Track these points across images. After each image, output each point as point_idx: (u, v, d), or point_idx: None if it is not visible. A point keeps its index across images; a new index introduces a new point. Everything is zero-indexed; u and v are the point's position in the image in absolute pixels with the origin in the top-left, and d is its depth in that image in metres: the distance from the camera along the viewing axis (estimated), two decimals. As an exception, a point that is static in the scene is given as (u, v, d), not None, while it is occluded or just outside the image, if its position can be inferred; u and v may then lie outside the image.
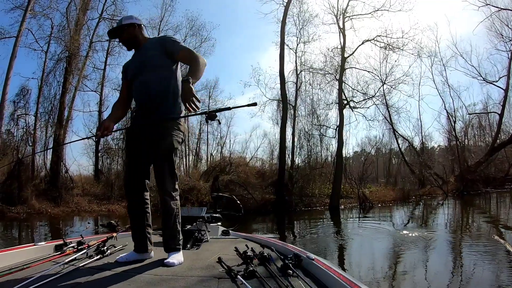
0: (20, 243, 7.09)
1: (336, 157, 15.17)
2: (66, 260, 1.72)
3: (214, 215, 3.32)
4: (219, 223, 3.37)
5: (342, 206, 14.24)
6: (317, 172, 16.21)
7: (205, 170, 17.38)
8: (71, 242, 2.09)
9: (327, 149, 17.09)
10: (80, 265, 1.66)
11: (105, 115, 16.43)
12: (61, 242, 2.07)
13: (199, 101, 1.67)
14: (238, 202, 4.77)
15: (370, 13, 15.66)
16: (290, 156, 15.78)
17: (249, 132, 36.20)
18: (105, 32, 17.76)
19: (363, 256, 5.88)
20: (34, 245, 1.83)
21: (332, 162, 16.05)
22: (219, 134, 22.65)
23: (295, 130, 16.23)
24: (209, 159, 20.92)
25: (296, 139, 16.28)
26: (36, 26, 15.89)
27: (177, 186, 1.93)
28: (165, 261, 1.67)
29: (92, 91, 17.61)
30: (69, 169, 15.52)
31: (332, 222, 10.83)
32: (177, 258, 1.75)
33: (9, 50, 13.99)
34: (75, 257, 1.81)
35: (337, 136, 15.27)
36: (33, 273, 1.48)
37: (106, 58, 17.72)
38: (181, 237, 1.91)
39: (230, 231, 3.18)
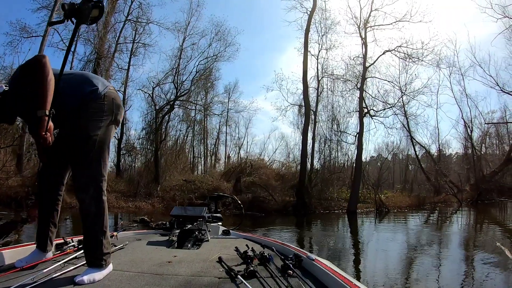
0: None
1: (355, 163, 16.75)
2: (66, 259, 1.77)
3: (214, 214, 3.47)
4: (220, 223, 3.46)
5: (359, 210, 15.60)
6: (335, 177, 17.84)
7: (224, 171, 19.05)
8: (71, 240, 2.13)
9: (345, 154, 18.85)
10: (80, 264, 1.68)
11: (129, 114, 18.29)
12: (61, 241, 2.08)
13: None
14: (239, 202, 5.51)
15: (391, 23, 17.25)
16: (310, 160, 17.41)
17: (267, 133, 38.09)
18: (131, 33, 19.72)
19: (377, 260, 6.31)
20: (35, 243, 1.80)
21: (351, 167, 17.68)
22: (237, 135, 24.53)
23: (315, 134, 17.94)
24: (226, 160, 22.71)
25: (315, 143, 17.99)
26: (62, 26, 17.64)
27: (100, 183, 1.65)
28: (75, 277, 1.46)
29: (116, 90, 19.33)
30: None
31: (350, 226, 12.12)
32: (92, 276, 1.49)
33: (36, 49, 15.40)
34: (76, 256, 1.86)
35: (356, 143, 16.84)
36: (33, 271, 1.54)
37: (130, 59, 19.51)
38: (107, 249, 1.64)
39: (230, 231, 3.26)
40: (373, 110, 17.63)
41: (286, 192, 16.40)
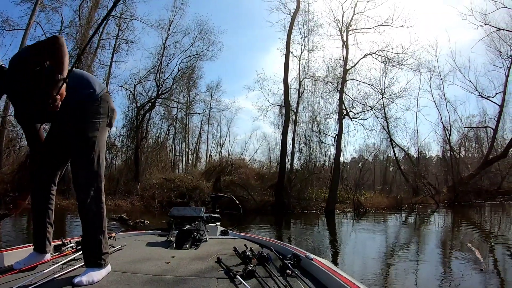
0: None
1: (333, 164, 17.12)
2: (65, 261, 1.78)
3: (213, 215, 3.50)
4: (218, 223, 3.49)
5: (338, 211, 15.97)
6: (314, 177, 18.21)
7: (205, 170, 19.24)
8: (69, 242, 2.13)
9: (325, 155, 19.28)
10: (79, 265, 1.69)
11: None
12: (60, 242, 2.10)
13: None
14: (237, 202, 5.69)
15: (373, 27, 17.69)
16: (289, 160, 17.74)
17: (248, 133, 38.52)
18: (114, 29, 19.73)
19: (356, 257, 6.51)
20: (33, 245, 1.80)
21: (330, 167, 18.06)
22: (219, 134, 24.77)
23: (295, 135, 18.30)
24: (208, 159, 22.93)
25: (296, 144, 18.33)
26: (45, 19, 17.62)
27: (99, 183, 1.70)
28: (74, 278, 1.46)
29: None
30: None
31: (327, 225, 12.42)
32: (91, 277, 1.51)
33: (18, 42, 15.38)
34: (74, 257, 1.87)
35: (335, 144, 17.22)
36: (32, 273, 1.54)
37: (113, 55, 19.57)
38: (105, 249, 1.66)
39: (229, 231, 3.29)
40: (353, 112, 18.08)
41: (265, 191, 16.68)
